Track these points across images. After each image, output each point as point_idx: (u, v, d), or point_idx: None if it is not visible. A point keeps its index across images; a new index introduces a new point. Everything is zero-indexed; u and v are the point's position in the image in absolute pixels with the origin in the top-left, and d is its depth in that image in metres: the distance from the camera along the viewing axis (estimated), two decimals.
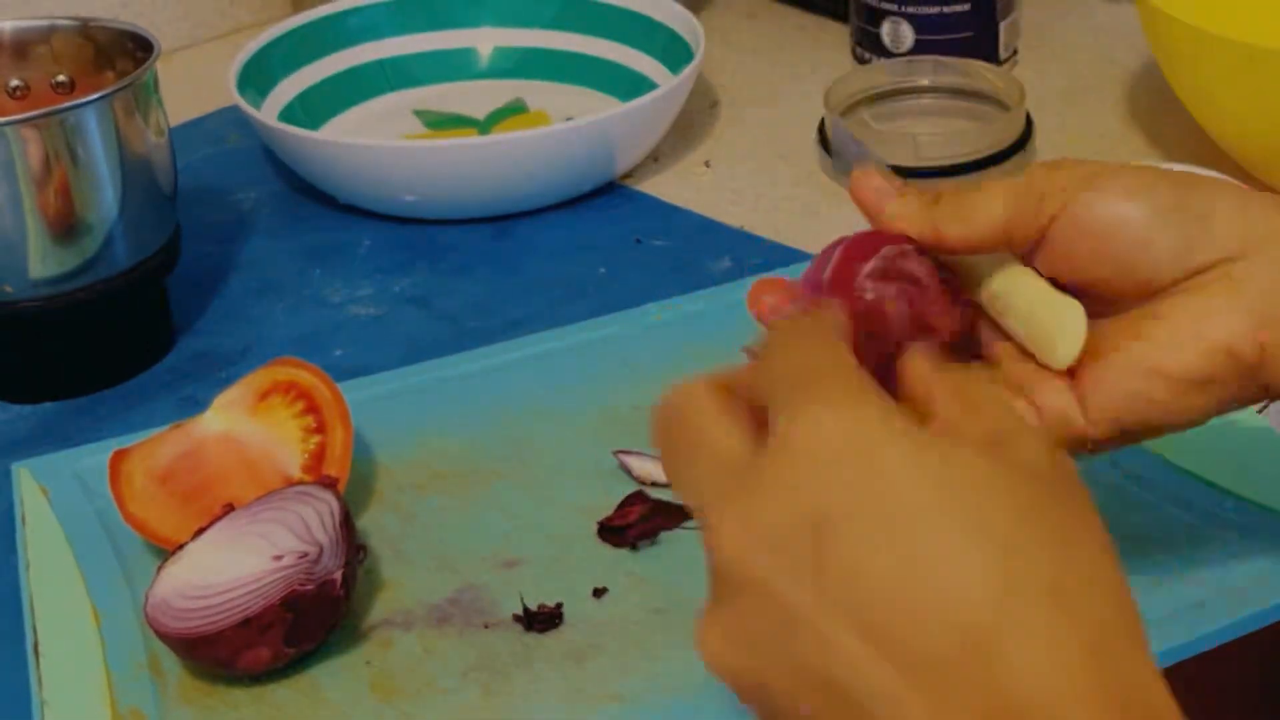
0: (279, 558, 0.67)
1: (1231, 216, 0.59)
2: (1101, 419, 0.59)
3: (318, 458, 0.75)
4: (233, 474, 0.75)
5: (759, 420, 0.47)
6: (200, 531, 0.69)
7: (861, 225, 1.00)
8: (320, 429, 0.75)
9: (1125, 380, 0.59)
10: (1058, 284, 0.61)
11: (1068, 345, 0.59)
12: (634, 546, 0.72)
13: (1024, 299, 0.60)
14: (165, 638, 0.67)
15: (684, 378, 0.49)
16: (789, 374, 0.47)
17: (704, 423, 0.47)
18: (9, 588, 0.74)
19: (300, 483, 0.72)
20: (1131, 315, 0.60)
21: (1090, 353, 0.59)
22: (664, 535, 0.73)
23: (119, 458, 0.75)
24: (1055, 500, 0.44)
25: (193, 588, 0.67)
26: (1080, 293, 0.60)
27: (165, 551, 0.71)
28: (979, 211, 0.60)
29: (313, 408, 0.75)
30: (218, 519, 0.70)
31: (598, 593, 0.70)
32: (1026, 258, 0.61)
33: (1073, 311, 0.59)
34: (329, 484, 0.71)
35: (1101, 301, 0.60)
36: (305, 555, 0.67)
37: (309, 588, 0.66)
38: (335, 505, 0.69)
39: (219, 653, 0.66)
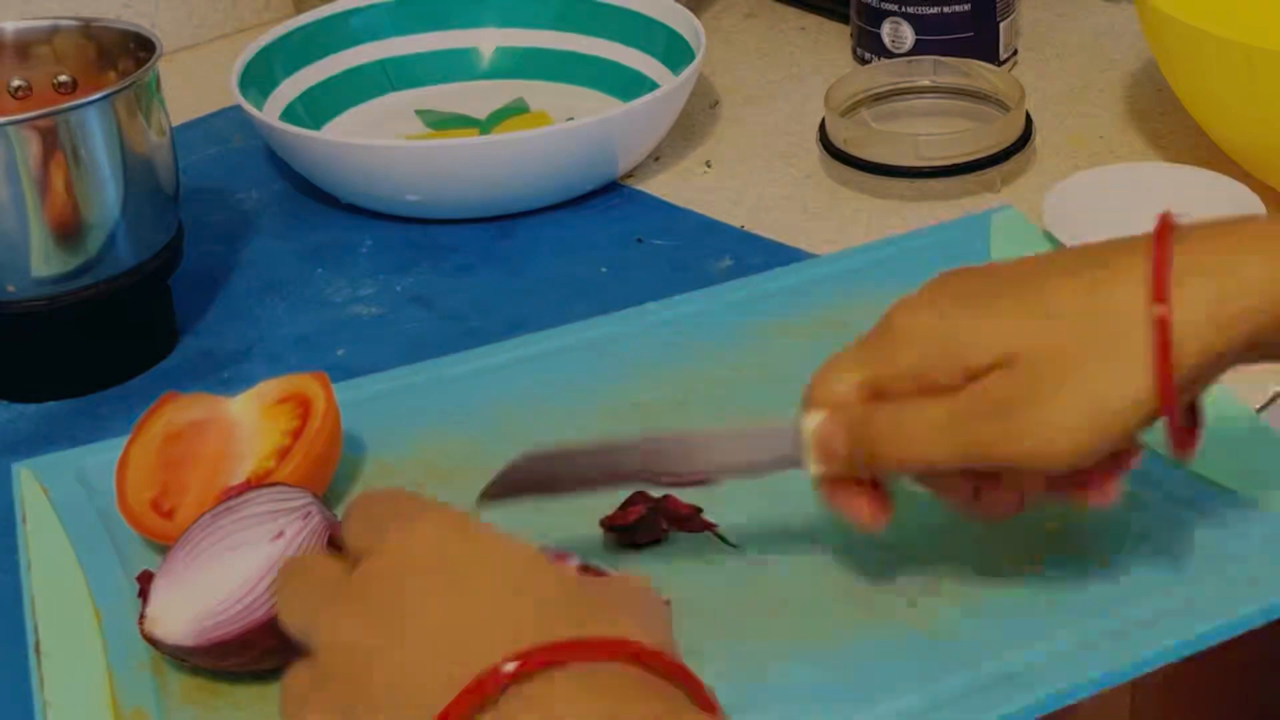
0: (279, 535, 0.67)
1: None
2: None
3: (280, 456, 0.74)
4: (204, 460, 0.75)
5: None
6: (170, 559, 0.68)
7: (865, 224, 1.00)
8: (287, 452, 0.74)
9: None
10: None
11: None
12: (635, 546, 0.73)
13: None
14: (221, 644, 0.65)
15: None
16: (369, 524, 0.54)
17: (313, 562, 0.55)
18: (10, 588, 0.74)
19: (236, 491, 0.71)
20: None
21: None
22: (665, 535, 0.73)
23: (150, 415, 0.76)
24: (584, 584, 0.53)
25: (219, 600, 0.65)
26: None
27: (167, 549, 0.70)
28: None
29: (300, 430, 0.75)
30: (176, 545, 0.68)
31: None
32: None
33: None
34: (255, 486, 0.70)
35: None
36: (306, 512, 0.67)
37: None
38: (276, 491, 0.69)
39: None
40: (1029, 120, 1.04)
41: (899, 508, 0.72)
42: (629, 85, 1.11)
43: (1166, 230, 0.61)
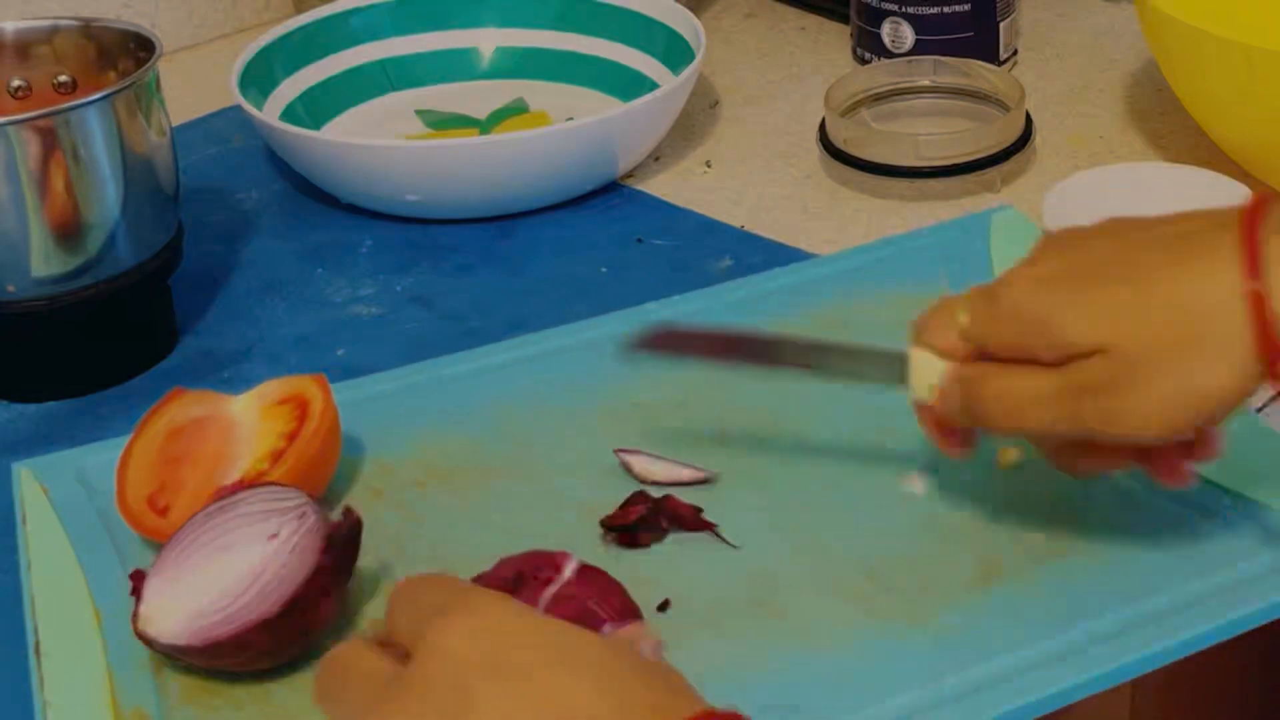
0: (274, 536, 0.67)
1: None
2: None
3: (274, 458, 0.74)
4: (203, 458, 0.75)
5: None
6: (162, 558, 0.68)
7: (865, 224, 1.00)
8: (280, 455, 0.74)
9: None
10: None
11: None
12: (635, 546, 0.73)
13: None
14: (216, 644, 0.65)
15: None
16: (417, 613, 0.54)
17: (356, 656, 0.54)
18: (10, 588, 0.74)
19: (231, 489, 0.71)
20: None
21: None
22: (665, 535, 0.73)
23: (156, 410, 0.76)
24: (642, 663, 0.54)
25: (213, 600, 0.65)
26: None
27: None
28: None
29: (295, 434, 0.75)
30: (169, 543, 0.68)
31: None
32: None
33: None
34: (250, 485, 0.70)
35: None
36: (301, 513, 0.67)
37: (339, 523, 0.67)
38: (268, 491, 0.69)
39: (299, 622, 0.65)
40: (1029, 120, 1.04)
41: (902, 513, 0.73)
42: (629, 85, 1.11)
43: (1258, 211, 0.63)
